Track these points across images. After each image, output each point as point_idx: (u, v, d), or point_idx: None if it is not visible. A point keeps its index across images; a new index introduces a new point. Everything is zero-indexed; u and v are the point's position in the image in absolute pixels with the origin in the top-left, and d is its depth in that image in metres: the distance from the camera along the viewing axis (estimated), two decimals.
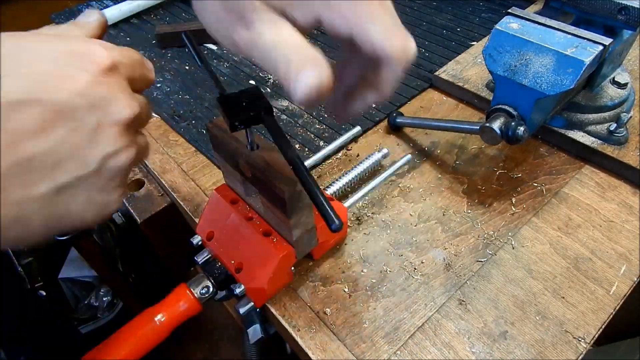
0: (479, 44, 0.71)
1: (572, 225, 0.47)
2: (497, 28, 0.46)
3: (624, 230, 0.46)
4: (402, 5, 0.85)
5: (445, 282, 0.43)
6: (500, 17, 0.53)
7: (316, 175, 0.55)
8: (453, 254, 0.45)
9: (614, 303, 0.41)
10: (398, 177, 0.54)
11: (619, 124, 0.50)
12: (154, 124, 0.64)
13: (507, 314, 0.41)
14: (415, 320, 0.41)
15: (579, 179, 0.51)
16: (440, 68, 0.66)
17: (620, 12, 0.44)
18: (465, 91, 0.62)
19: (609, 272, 0.43)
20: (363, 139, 0.59)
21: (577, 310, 0.40)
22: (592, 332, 0.39)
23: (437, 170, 0.54)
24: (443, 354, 0.38)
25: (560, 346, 0.38)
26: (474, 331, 0.40)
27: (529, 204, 0.49)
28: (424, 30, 0.77)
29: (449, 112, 0.62)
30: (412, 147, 0.57)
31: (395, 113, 0.59)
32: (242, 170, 0.39)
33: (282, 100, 0.66)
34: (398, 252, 0.46)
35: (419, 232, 0.48)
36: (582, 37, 0.43)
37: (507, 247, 0.46)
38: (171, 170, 0.57)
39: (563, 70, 0.42)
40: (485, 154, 0.56)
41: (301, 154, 0.56)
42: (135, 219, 0.55)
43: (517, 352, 0.38)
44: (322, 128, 0.60)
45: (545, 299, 0.41)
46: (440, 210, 0.50)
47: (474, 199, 0.51)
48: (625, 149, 0.51)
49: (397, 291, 0.43)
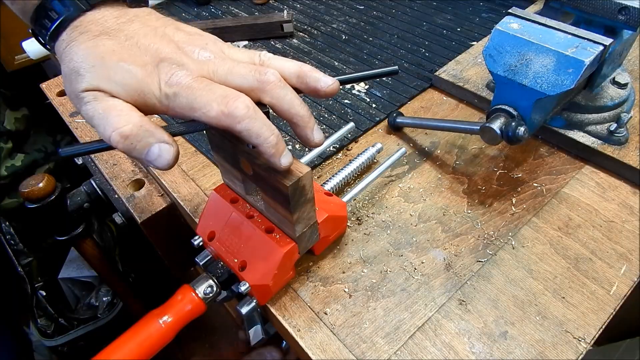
0: (479, 44, 0.71)
1: (572, 226, 0.47)
2: (497, 28, 0.46)
3: (624, 231, 0.46)
4: (402, 5, 0.85)
5: (446, 282, 0.43)
6: (500, 17, 0.53)
7: (316, 175, 0.55)
8: (453, 254, 0.45)
9: (614, 303, 0.41)
10: (398, 177, 0.54)
11: (619, 124, 0.50)
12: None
13: (507, 314, 0.41)
14: (416, 321, 0.41)
15: (579, 179, 0.51)
16: (440, 68, 0.66)
17: (620, 12, 0.44)
18: (466, 91, 0.62)
19: (609, 272, 0.43)
20: (363, 139, 0.59)
21: (577, 311, 0.40)
22: (592, 332, 0.39)
23: (437, 171, 0.54)
24: (443, 354, 0.38)
25: (560, 346, 0.38)
26: (474, 331, 0.40)
27: (529, 204, 0.49)
28: (424, 30, 0.77)
29: (449, 112, 0.62)
30: (412, 147, 0.57)
31: (395, 113, 0.59)
32: (243, 168, 0.39)
33: None
34: (398, 252, 0.46)
35: (419, 232, 0.48)
36: (582, 37, 0.43)
37: (507, 247, 0.46)
38: (171, 170, 0.57)
39: (563, 70, 0.42)
40: (486, 154, 0.56)
41: (301, 153, 0.56)
42: (135, 219, 0.55)
43: (517, 352, 0.38)
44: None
45: (546, 299, 0.41)
46: (440, 211, 0.50)
47: (474, 199, 0.51)
48: (625, 149, 0.51)
49: (397, 291, 0.43)
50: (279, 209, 0.38)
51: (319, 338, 0.40)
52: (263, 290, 0.40)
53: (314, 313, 0.42)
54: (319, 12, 0.86)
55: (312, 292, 0.43)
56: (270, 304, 0.42)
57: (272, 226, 0.41)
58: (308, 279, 0.44)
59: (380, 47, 0.75)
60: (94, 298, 1.08)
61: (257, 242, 0.41)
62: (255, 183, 0.39)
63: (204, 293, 0.41)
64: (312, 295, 0.43)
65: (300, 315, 0.42)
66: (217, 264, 0.42)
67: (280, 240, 0.40)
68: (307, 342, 0.40)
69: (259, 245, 0.40)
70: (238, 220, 0.42)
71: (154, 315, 0.39)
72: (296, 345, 0.40)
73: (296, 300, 0.43)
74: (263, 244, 0.40)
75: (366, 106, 0.63)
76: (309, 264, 0.46)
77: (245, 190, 0.42)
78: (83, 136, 0.66)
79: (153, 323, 0.39)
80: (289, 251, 0.40)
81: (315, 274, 0.45)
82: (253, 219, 0.42)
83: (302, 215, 0.38)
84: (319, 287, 0.44)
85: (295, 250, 0.40)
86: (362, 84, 0.67)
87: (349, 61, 0.72)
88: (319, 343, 0.40)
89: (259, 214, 0.42)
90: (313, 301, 0.43)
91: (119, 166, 0.61)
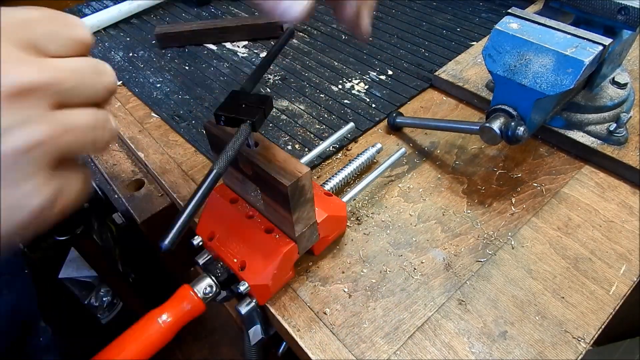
0: (479, 44, 0.71)
1: (572, 225, 0.47)
2: (497, 28, 0.46)
3: (624, 231, 0.46)
4: (402, 5, 0.85)
5: (445, 282, 0.43)
6: (500, 17, 0.53)
7: (316, 176, 0.55)
8: (453, 254, 0.45)
9: (613, 303, 0.41)
10: (398, 178, 0.54)
11: (619, 124, 0.50)
12: (154, 124, 0.65)
13: (507, 314, 0.41)
14: (415, 320, 0.41)
15: (578, 179, 0.51)
16: (440, 68, 0.66)
17: (620, 12, 0.44)
18: (465, 91, 0.62)
19: (609, 272, 0.43)
20: (363, 139, 0.59)
21: (577, 310, 0.40)
22: (591, 332, 0.39)
23: (437, 170, 0.54)
24: (443, 354, 0.38)
25: (560, 346, 0.38)
26: (474, 331, 0.40)
27: (529, 204, 0.49)
28: (424, 30, 0.77)
29: (449, 112, 0.62)
30: (412, 147, 0.57)
31: (395, 113, 0.59)
32: (242, 169, 0.39)
33: (282, 101, 0.66)
34: (398, 252, 0.46)
35: (419, 232, 0.48)
36: (582, 37, 0.43)
37: (506, 247, 0.46)
38: (171, 170, 0.57)
39: (563, 70, 0.42)
40: (485, 154, 0.56)
41: (301, 153, 0.56)
42: (135, 219, 0.55)
43: (516, 352, 0.38)
44: (321, 128, 0.60)
45: (545, 299, 0.41)
46: (440, 210, 0.50)
47: (474, 199, 0.51)
48: (625, 149, 0.51)
49: (397, 291, 0.43)
50: (278, 209, 0.38)
51: (318, 338, 0.40)
52: (262, 290, 0.40)
53: (313, 313, 0.42)
54: (319, 12, 0.86)
55: (312, 292, 0.43)
56: (269, 304, 0.42)
57: (271, 226, 0.41)
58: (307, 279, 0.44)
59: (380, 47, 0.75)
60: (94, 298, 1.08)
61: (257, 242, 0.41)
62: (255, 183, 0.40)
63: (204, 293, 0.41)
64: (311, 295, 0.43)
65: (299, 315, 0.42)
66: (216, 263, 0.42)
67: (280, 240, 0.40)
68: (307, 342, 0.40)
69: (259, 245, 0.41)
70: (238, 220, 0.42)
71: (154, 315, 0.39)
72: (296, 345, 0.40)
73: (296, 300, 0.43)
74: (263, 244, 0.40)
75: (366, 106, 0.63)
76: (308, 264, 0.46)
77: (245, 191, 0.42)
78: None
79: (152, 323, 0.39)
80: (289, 251, 0.40)
81: (315, 274, 0.45)
82: (253, 219, 0.42)
83: (301, 215, 0.38)
84: (319, 287, 0.44)
85: (295, 250, 0.40)
86: (362, 83, 0.67)
87: (348, 61, 0.72)
88: (319, 343, 0.40)
89: (258, 214, 0.42)
90: (312, 301, 0.43)
91: (119, 166, 0.61)
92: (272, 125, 0.61)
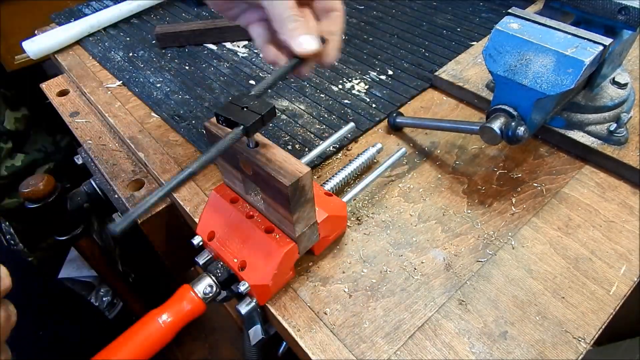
0: (479, 44, 0.71)
1: (572, 226, 0.47)
2: (497, 28, 0.46)
3: (624, 231, 0.46)
4: (402, 5, 0.85)
5: (445, 282, 0.43)
6: (500, 17, 0.53)
7: (316, 176, 0.55)
8: (453, 254, 0.45)
9: (614, 303, 0.41)
10: (398, 178, 0.54)
11: (619, 124, 0.50)
12: (154, 124, 0.65)
13: (507, 314, 0.41)
14: (415, 321, 0.41)
15: (579, 179, 0.51)
16: (440, 68, 0.66)
17: (620, 12, 0.44)
18: (465, 91, 0.62)
19: (609, 272, 0.43)
20: (363, 139, 0.59)
21: (577, 311, 0.40)
22: (592, 332, 0.39)
23: (437, 171, 0.54)
24: (443, 354, 0.38)
25: (560, 346, 0.38)
26: (474, 331, 0.40)
27: (529, 204, 0.49)
28: (424, 30, 0.77)
29: (449, 112, 0.62)
30: (412, 147, 0.57)
31: (395, 113, 0.59)
32: (242, 169, 0.39)
33: (282, 101, 0.66)
34: (398, 252, 0.46)
35: (419, 232, 0.48)
36: (582, 37, 0.43)
37: (507, 247, 0.46)
38: (171, 170, 0.57)
39: (563, 70, 0.42)
40: (485, 154, 0.56)
41: (301, 153, 0.56)
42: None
43: (517, 352, 0.38)
44: (322, 128, 0.60)
45: (545, 299, 0.41)
46: (440, 210, 0.50)
47: (474, 199, 0.51)
48: (625, 149, 0.51)
49: (397, 291, 0.43)
50: (278, 209, 0.38)
51: (318, 338, 0.40)
52: (263, 290, 0.40)
53: (313, 313, 0.42)
54: None
55: (312, 292, 0.43)
56: (270, 304, 0.42)
57: (272, 226, 0.41)
58: (308, 279, 0.44)
59: (380, 47, 0.75)
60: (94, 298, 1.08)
61: (257, 242, 0.41)
62: (255, 183, 0.40)
63: (204, 293, 0.41)
64: (312, 295, 0.43)
65: (300, 315, 0.42)
66: (216, 263, 0.42)
67: (280, 240, 0.40)
68: (307, 342, 0.40)
69: (259, 245, 0.40)
70: (238, 220, 0.42)
71: (154, 315, 0.39)
72: (296, 345, 0.40)
73: (296, 300, 0.43)
74: (263, 244, 0.40)
75: (366, 106, 0.63)
76: (308, 264, 0.46)
77: (245, 190, 0.42)
78: (83, 136, 0.66)
79: (153, 323, 0.39)
80: (289, 251, 0.40)
81: (315, 274, 0.45)
82: (253, 219, 0.42)
83: (301, 215, 0.38)
84: (319, 287, 0.44)
85: (295, 250, 0.40)
86: (362, 83, 0.67)
87: (349, 61, 0.72)
88: (319, 343, 0.40)
89: (258, 214, 0.42)
90: (313, 301, 0.43)
91: (119, 166, 0.61)
92: (272, 125, 0.61)
